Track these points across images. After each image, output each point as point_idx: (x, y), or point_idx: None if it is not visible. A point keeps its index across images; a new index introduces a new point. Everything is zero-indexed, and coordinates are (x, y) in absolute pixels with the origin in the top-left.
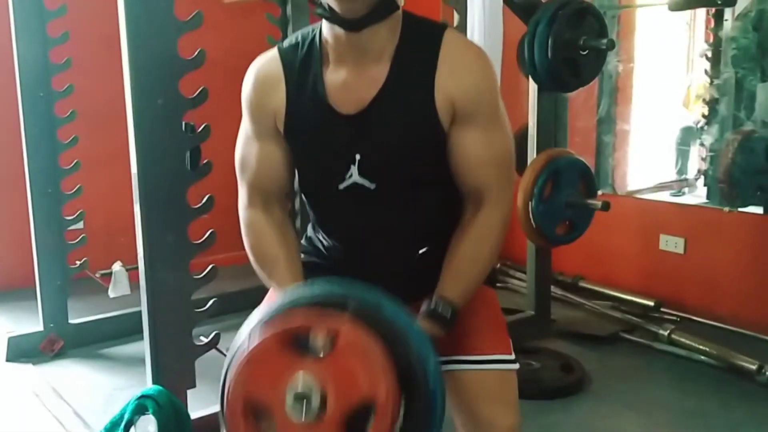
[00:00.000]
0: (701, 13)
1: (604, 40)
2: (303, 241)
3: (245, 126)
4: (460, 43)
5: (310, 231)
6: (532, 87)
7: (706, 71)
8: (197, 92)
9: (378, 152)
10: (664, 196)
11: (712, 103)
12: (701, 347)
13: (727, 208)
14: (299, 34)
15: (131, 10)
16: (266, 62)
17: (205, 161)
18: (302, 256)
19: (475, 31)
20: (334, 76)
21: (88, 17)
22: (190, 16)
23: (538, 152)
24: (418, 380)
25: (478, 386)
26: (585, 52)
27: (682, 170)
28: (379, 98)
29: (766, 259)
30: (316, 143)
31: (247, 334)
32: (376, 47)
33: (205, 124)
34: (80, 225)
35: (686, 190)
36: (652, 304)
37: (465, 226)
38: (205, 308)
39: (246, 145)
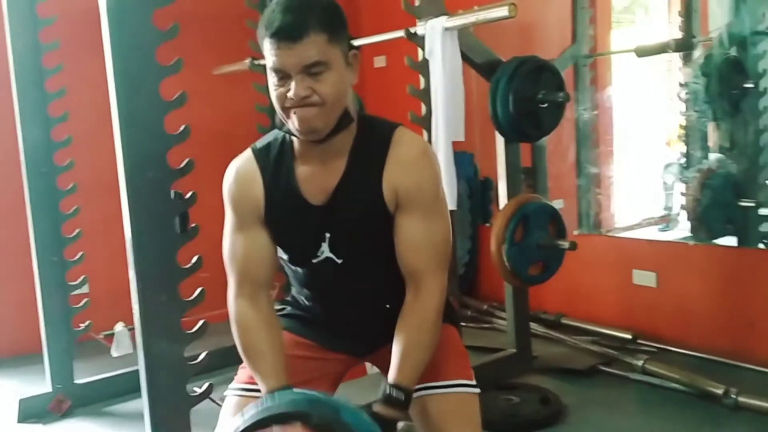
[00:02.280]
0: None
1: (561, 94)
2: (289, 298)
3: (229, 220)
4: (407, 141)
5: (294, 291)
6: (499, 138)
7: (681, 112)
8: (184, 163)
9: (342, 234)
10: (650, 233)
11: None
12: (673, 375)
13: (692, 242)
14: (271, 135)
15: (122, 93)
16: (243, 162)
17: (193, 225)
18: (289, 309)
19: (438, 93)
20: (302, 170)
21: (86, 98)
22: (175, 96)
23: (508, 198)
24: None
25: (443, 407)
26: (545, 105)
27: (667, 206)
28: (340, 187)
29: (734, 289)
30: (293, 226)
31: None
32: (335, 149)
33: (192, 192)
34: (84, 290)
35: (671, 225)
36: (629, 336)
37: (405, 315)
38: (197, 362)
39: (232, 238)
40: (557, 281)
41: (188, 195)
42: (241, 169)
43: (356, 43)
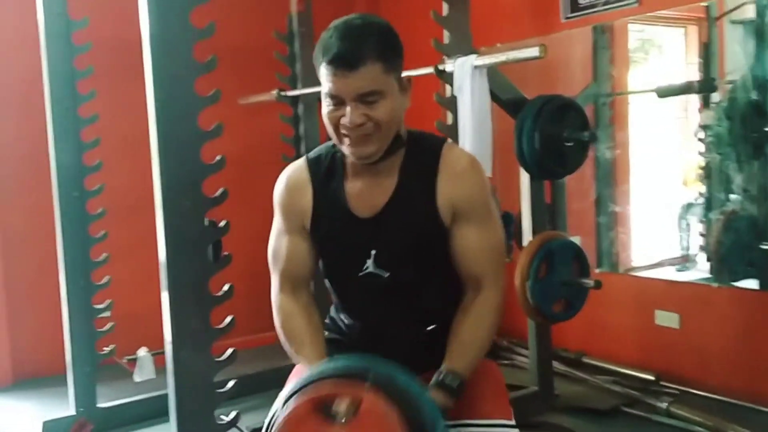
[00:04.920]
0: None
1: (586, 133)
2: (326, 320)
3: (277, 222)
4: (456, 155)
5: (332, 312)
6: (524, 175)
7: (699, 152)
8: (219, 192)
9: (390, 248)
10: (667, 272)
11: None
12: (698, 419)
13: (716, 284)
14: (323, 147)
15: (161, 122)
16: (296, 170)
17: (225, 253)
18: (326, 333)
19: (467, 129)
20: (352, 186)
21: (118, 124)
22: (213, 126)
23: (533, 235)
24: None
25: None
26: (569, 144)
27: (685, 246)
28: (390, 204)
29: (756, 332)
30: (338, 240)
31: (282, 402)
32: (386, 167)
33: (225, 220)
34: (109, 313)
35: (688, 265)
36: (652, 377)
37: (466, 308)
38: (225, 389)
39: (277, 239)
40: (578, 319)
41: (222, 223)
42: (292, 177)
43: None
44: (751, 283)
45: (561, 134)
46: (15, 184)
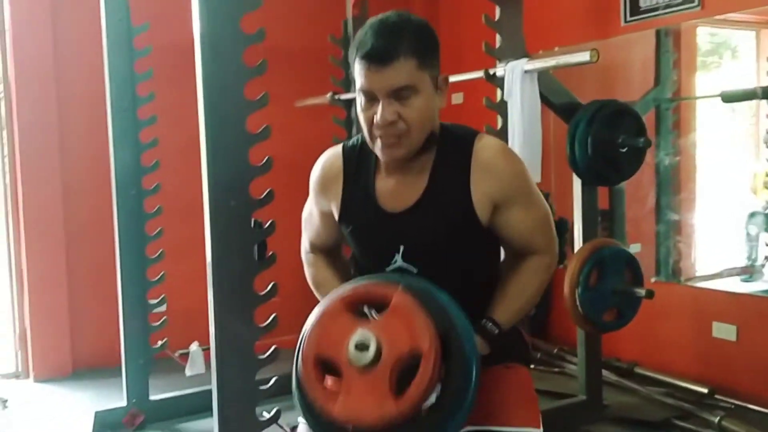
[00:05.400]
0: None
1: (642, 139)
2: None
3: (311, 196)
4: (488, 147)
5: None
6: (577, 181)
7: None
8: (265, 194)
9: (419, 244)
10: (732, 283)
11: None
12: None
13: None
14: (360, 137)
15: (210, 125)
16: (330, 157)
17: (270, 253)
18: None
19: (516, 134)
20: (382, 182)
21: (174, 126)
22: (260, 129)
23: (584, 242)
24: (458, 348)
25: None
26: (624, 150)
27: (751, 256)
28: (420, 202)
29: None
30: (366, 233)
31: (319, 304)
32: (418, 164)
33: (271, 220)
34: (163, 308)
35: (755, 276)
36: (705, 391)
37: (517, 264)
38: (267, 386)
39: (310, 208)
40: (632, 328)
41: (267, 224)
42: (326, 164)
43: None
44: None
45: (615, 140)
46: (79, 183)
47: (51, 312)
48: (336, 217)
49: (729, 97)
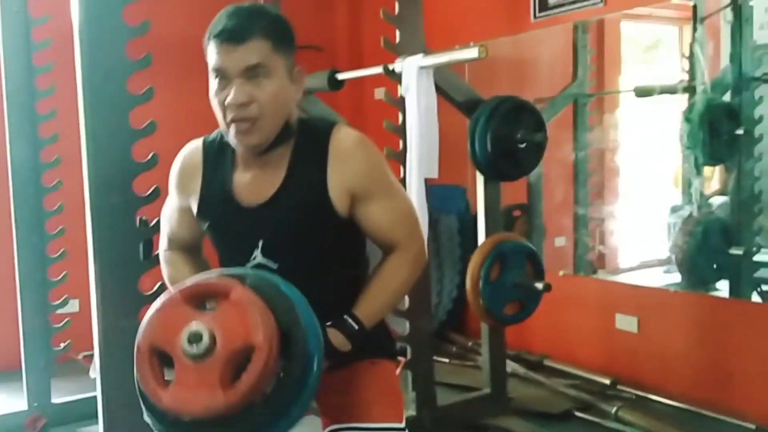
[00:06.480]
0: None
1: (539, 134)
2: None
3: (170, 191)
4: (345, 137)
5: None
6: (480, 176)
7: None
8: (150, 191)
9: (276, 238)
10: (654, 275)
11: None
12: (643, 424)
13: (673, 288)
14: (219, 132)
15: (90, 120)
16: (191, 151)
17: (156, 252)
18: None
19: (413, 129)
20: (240, 176)
21: (76, 120)
22: (145, 124)
23: (486, 237)
24: (298, 344)
25: None
26: (523, 145)
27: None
28: (276, 195)
29: (715, 339)
30: (224, 229)
31: (160, 296)
32: (275, 157)
33: (157, 218)
34: (67, 309)
35: (671, 268)
36: (608, 382)
37: (380, 263)
38: None
39: (168, 206)
40: (541, 321)
41: (153, 222)
42: (186, 158)
43: (339, 77)
44: (723, 287)
45: (514, 135)
46: None
47: None
48: (194, 212)
49: (641, 92)
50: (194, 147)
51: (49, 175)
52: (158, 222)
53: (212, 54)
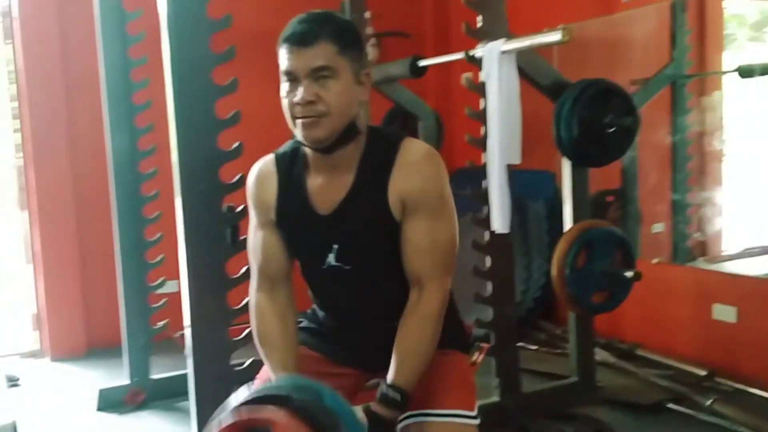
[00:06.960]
0: None
1: (629, 118)
2: (309, 310)
3: (251, 216)
4: (412, 150)
5: (313, 302)
6: (566, 161)
7: None
8: (236, 179)
9: (349, 243)
10: (757, 263)
11: None
12: (739, 418)
13: None
14: (290, 143)
15: (178, 111)
16: (264, 164)
17: (243, 237)
18: (305, 322)
19: (494, 115)
20: (313, 180)
21: None
22: (230, 115)
23: (573, 223)
24: None
25: None
26: (612, 129)
27: None
28: (346, 200)
29: None
30: (301, 234)
31: (216, 423)
32: (344, 161)
33: (243, 205)
34: (164, 290)
35: None
36: (703, 373)
37: (406, 315)
38: (242, 368)
39: (254, 234)
40: (634, 310)
41: (239, 208)
42: (261, 172)
43: (421, 63)
44: None
45: (602, 120)
46: (87, 167)
47: (65, 293)
48: (274, 221)
49: (746, 72)
50: (267, 159)
51: (146, 163)
52: (244, 208)
53: (283, 57)
